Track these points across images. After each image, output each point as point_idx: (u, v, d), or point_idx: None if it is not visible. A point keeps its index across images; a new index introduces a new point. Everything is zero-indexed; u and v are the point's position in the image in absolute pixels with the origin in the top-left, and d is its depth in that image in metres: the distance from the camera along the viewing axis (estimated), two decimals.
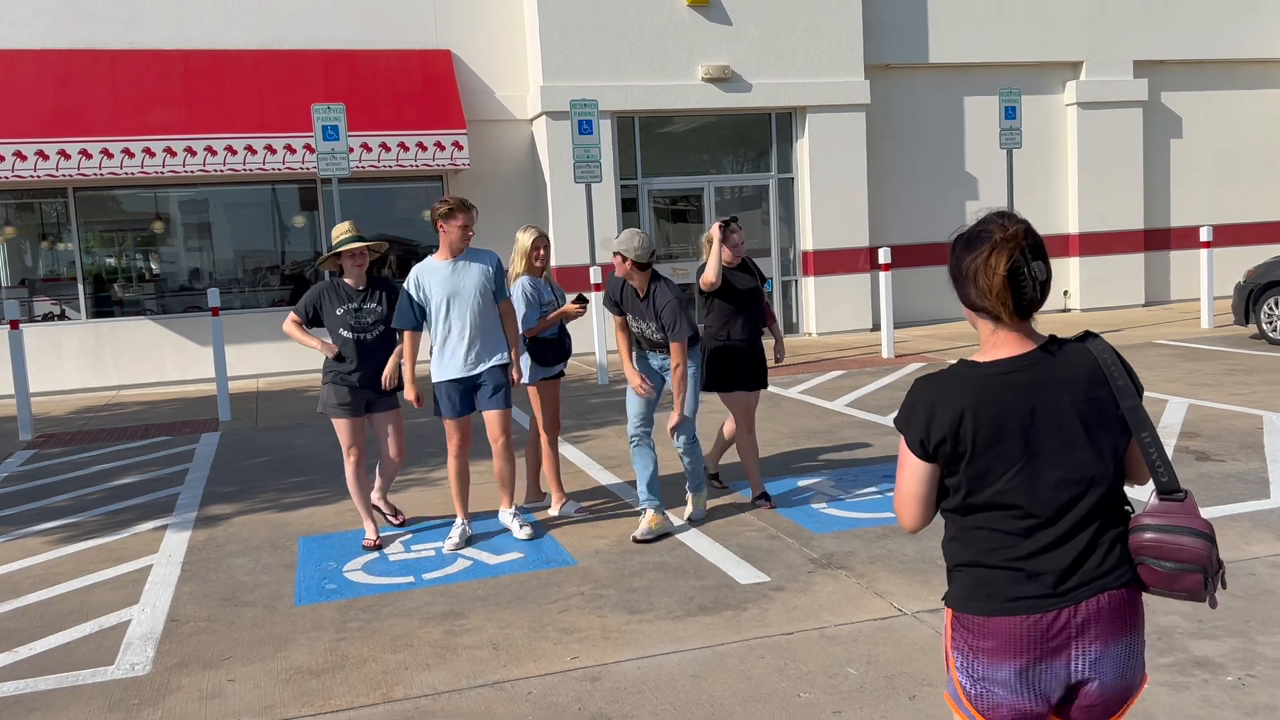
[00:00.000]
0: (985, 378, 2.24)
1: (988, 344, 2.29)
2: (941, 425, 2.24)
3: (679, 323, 6.00)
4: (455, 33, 14.92)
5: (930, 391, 2.28)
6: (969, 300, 2.28)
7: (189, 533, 6.80)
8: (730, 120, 15.68)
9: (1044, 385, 2.22)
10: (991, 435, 2.20)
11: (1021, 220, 2.25)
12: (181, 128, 13.39)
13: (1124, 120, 17.39)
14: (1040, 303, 2.24)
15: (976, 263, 2.22)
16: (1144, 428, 2.22)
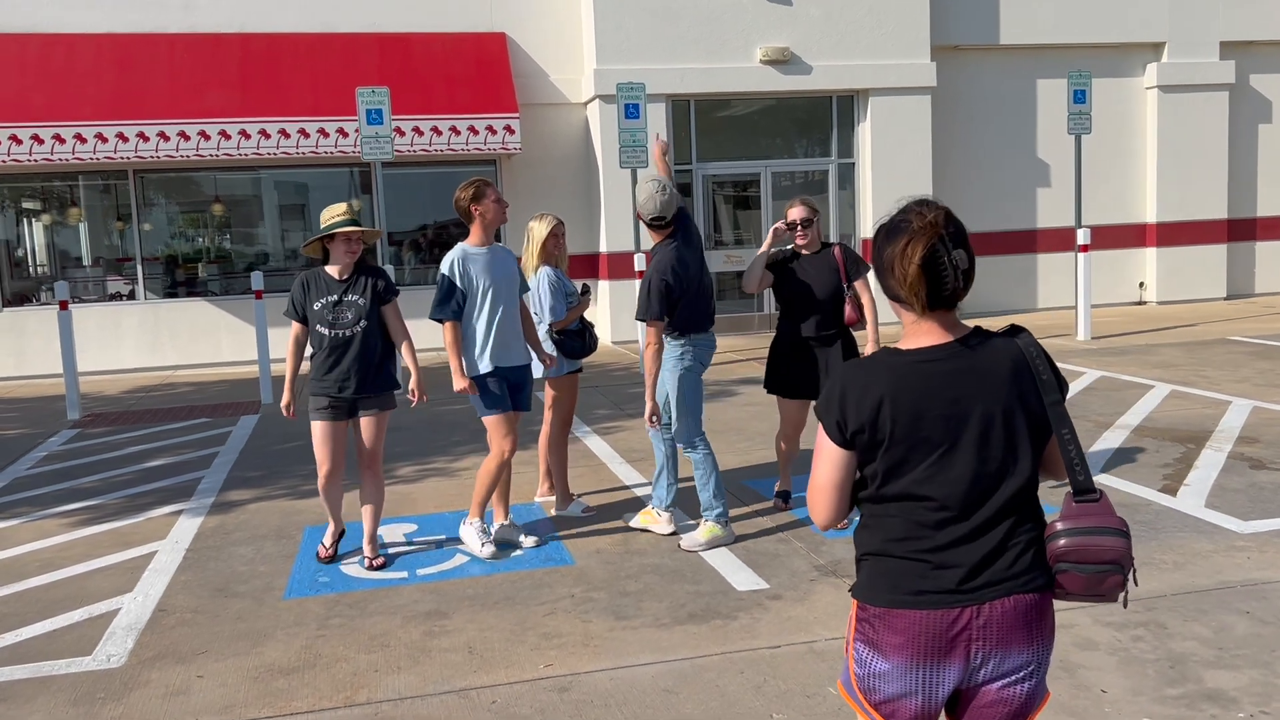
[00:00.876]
0: (906, 365, 2.16)
1: (910, 333, 2.22)
2: (860, 412, 2.16)
3: (640, 300, 5.56)
4: (510, 16, 14.79)
5: (851, 377, 2.20)
6: (889, 290, 2.19)
7: (201, 519, 6.78)
8: (789, 103, 15.31)
9: (965, 375, 2.15)
10: (909, 424, 2.13)
11: (940, 207, 2.17)
12: (236, 111, 13.48)
13: (1209, 104, 16.59)
14: (963, 292, 2.17)
15: (893, 252, 2.15)
16: (1064, 424, 2.16)
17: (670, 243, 5.66)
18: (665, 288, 5.53)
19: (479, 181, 5.67)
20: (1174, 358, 11.42)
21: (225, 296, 14.50)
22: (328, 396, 5.51)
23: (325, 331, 5.47)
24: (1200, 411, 8.61)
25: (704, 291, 5.77)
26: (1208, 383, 9.84)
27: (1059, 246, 16.52)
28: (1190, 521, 5.80)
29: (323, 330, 5.47)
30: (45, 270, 14.45)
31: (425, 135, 13.81)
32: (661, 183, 5.59)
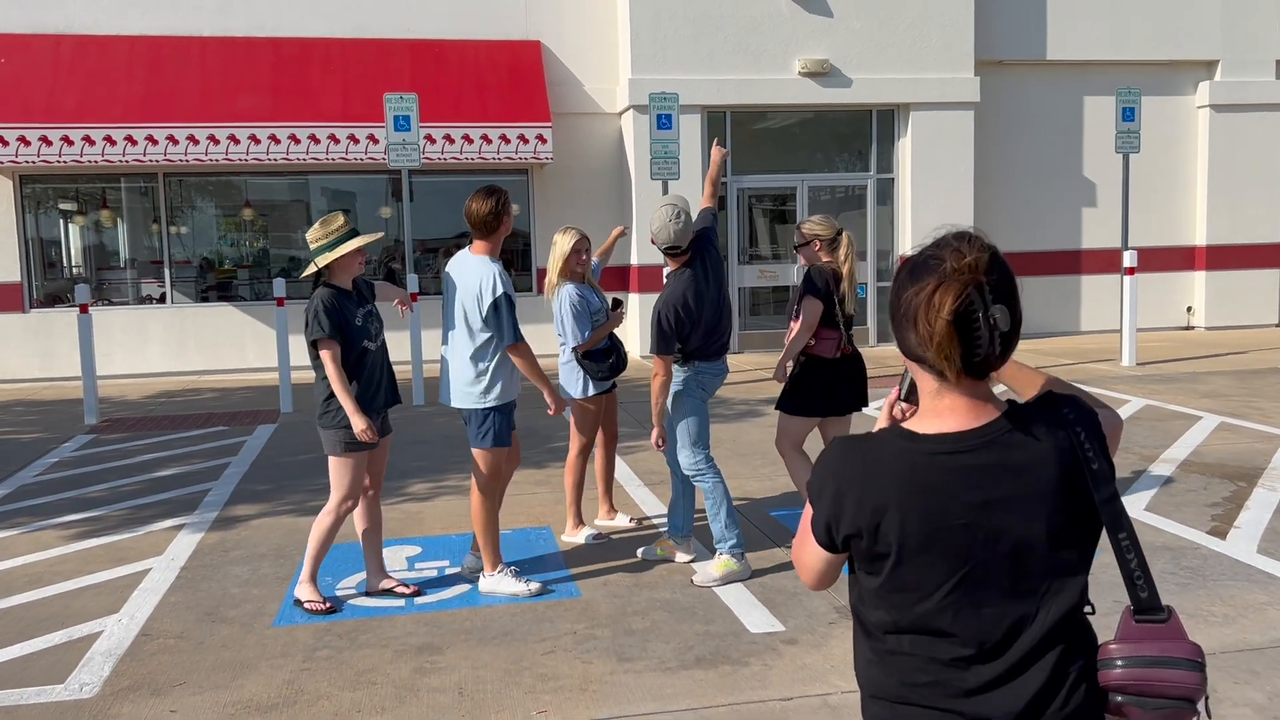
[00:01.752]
0: (924, 457, 1.71)
1: (931, 409, 1.76)
2: (857, 516, 1.74)
3: (651, 331, 5.29)
4: (545, 23, 14.59)
5: (849, 466, 1.76)
6: (907, 347, 1.75)
7: (201, 534, 6.56)
8: (828, 117, 14.98)
9: (998, 472, 1.69)
10: (925, 537, 1.70)
11: (985, 245, 1.71)
12: (267, 115, 13.36)
13: (1263, 125, 16.08)
14: (1000, 360, 1.72)
15: (919, 299, 1.69)
16: (1121, 526, 1.71)
17: (685, 271, 5.39)
18: (675, 321, 5.28)
19: (500, 190, 5.29)
20: (1224, 387, 10.95)
21: (252, 302, 14.38)
22: (373, 415, 5.08)
23: (371, 346, 5.11)
24: (1251, 446, 8.18)
25: (720, 320, 5.48)
26: (1260, 415, 9.38)
27: (1104, 268, 16.04)
28: (1242, 569, 5.41)
29: (368, 345, 5.10)
30: (80, 272, 14.40)
31: (456, 143, 13.62)
32: (677, 209, 5.31)
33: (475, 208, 5.17)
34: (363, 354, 5.08)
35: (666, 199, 5.41)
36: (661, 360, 5.29)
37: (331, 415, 5.01)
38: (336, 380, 4.92)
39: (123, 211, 14.34)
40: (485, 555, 5.33)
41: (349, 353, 5.02)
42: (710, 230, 5.56)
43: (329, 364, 4.92)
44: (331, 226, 5.03)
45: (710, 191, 5.87)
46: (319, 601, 5.17)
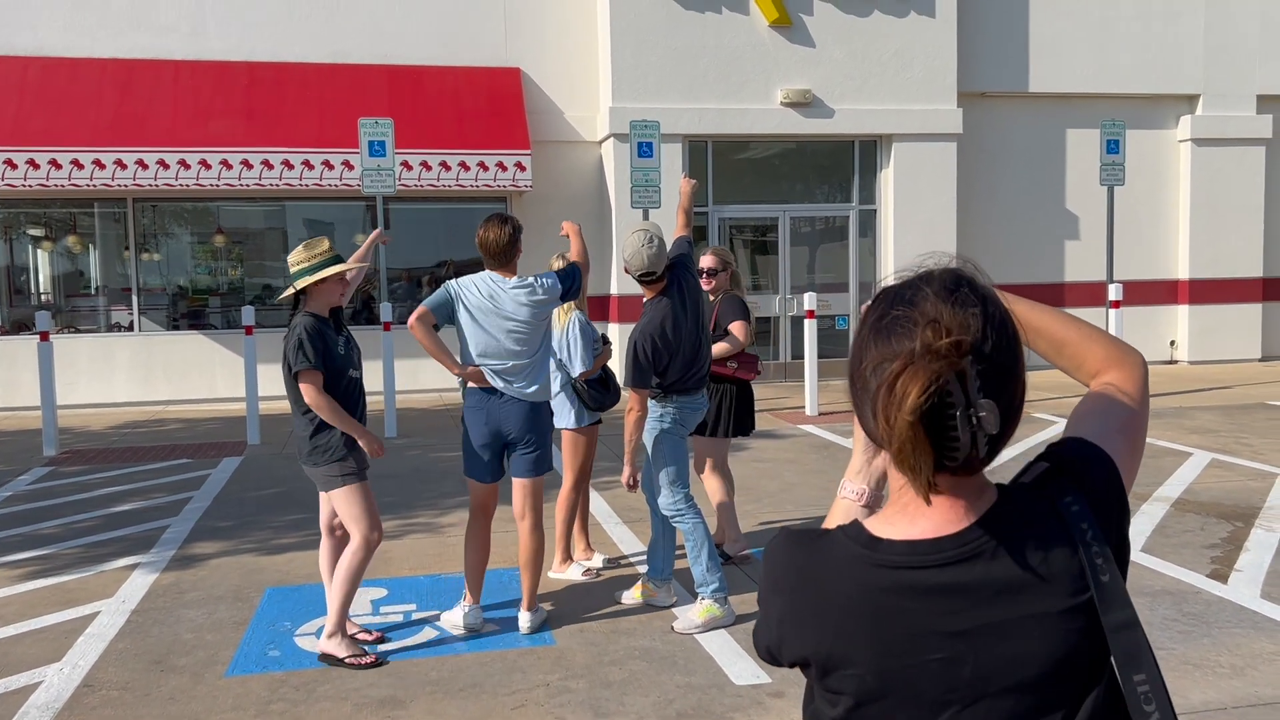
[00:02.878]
0: (885, 573, 1.30)
1: (898, 504, 1.35)
2: (800, 646, 1.35)
3: (626, 364, 5.09)
4: (525, 51, 14.41)
5: (791, 577, 1.36)
6: (866, 427, 1.33)
7: (156, 575, 6.23)
8: (810, 147, 14.84)
9: (989, 592, 1.28)
10: (890, 676, 1.30)
11: (976, 302, 1.27)
12: (241, 140, 13.09)
13: (1244, 159, 16.04)
14: (984, 462, 1.28)
15: (878, 379, 1.26)
16: (1138, 663, 1.26)
17: (661, 299, 5.15)
18: (652, 352, 5.02)
19: (512, 217, 5.14)
20: (1212, 422, 10.78)
21: (222, 330, 14.05)
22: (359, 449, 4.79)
23: (356, 375, 4.86)
24: (1245, 484, 7.98)
25: (699, 351, 5.23)
26: (1251, 452, 9.20)
27: (1086, 301, 15.91)
28: (1247, 616, 5.18)
29: (353, 374, 4.84)
30: (48, 299, 14.04)
31: (434, 170, 13.39)
32: (649, 234, 5.08)
33: (493, 236, 4.98)
34: (349, 384, 4.81)
35: (638, 225, 5.19)
36: (637, 395, 5.04)
37: (322, 451, 4.69)
38: (327, 410, 4.60)
39: (93, 237, 14.01)
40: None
41: (336, 383, 4.73)
42: (686, 257, 5.34)
43: (312, 395, 4.59)
44: (316, 250, 4.76)
45: (684, 221, 5.68)
46: (359, 655, 4.74)
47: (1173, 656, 4.66)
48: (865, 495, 1.53)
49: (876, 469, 1.54)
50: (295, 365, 4.61)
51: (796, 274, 14.92)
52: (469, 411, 5.03)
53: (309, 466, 4.77)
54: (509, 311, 4.96)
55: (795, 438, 10.35)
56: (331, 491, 4.79)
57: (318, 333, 4.68)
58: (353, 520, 4.78)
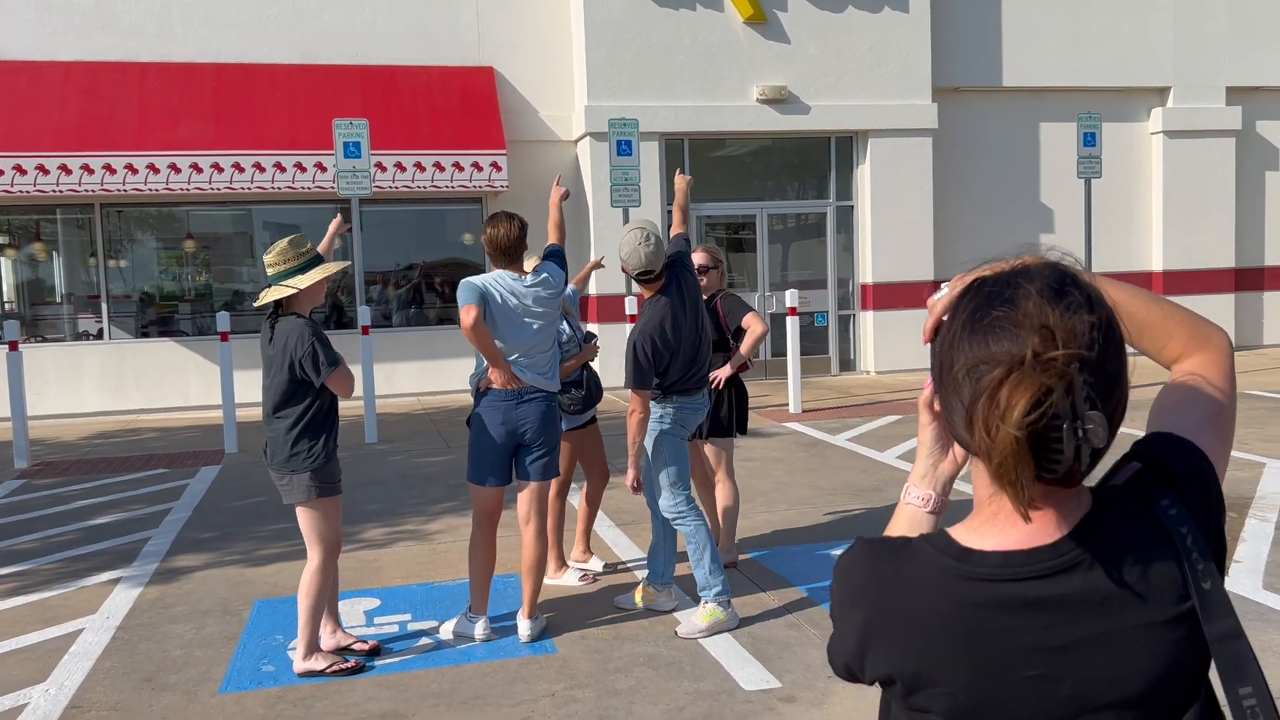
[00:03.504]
0: (977, 586, 1.22)
1: (988, 512, 1.27)
2: (887, 663, 1.27)
3: (626, 365, 4.99)
4: (499, 50, 14.26)
5: (874, 592, 1.28)
6: (955, 431, 1.24)
7: (140, 589, 6.06)
8: (786, 144, 14.80)
9: (1086, 605, 1.20)
10: (983, 694, 1.22)
11: (1084, 305, 1.18)
12: (210, 143, 12.87)
13: (1215, 150, 16.15)
14: (1086, 473, 1.18)
15: (977, 385, 1.17)
16: (1243, 676, 1.18)
17: (660, 298, 5.05)
18: (652, 352, 4.93)
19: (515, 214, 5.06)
20: None
21: (194, 337, 13.81)
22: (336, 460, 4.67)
23: None
24: (1234, 474, 7.99)
25: (699, 350, 5.14)
26: (1236, 442, 9.21)
27: None
28: (1252, 607, 5.15)
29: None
30: (12, 307, 13.74)
31: (408, 171, 13.23)
32: (646, 232, 4.98)
33: (502, 232, 4.89)
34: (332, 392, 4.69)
35: (634, 224, 5.09)
36: (639, 396, 4.94)
37: (301, 457, 4.51)
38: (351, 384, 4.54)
39: (58, 244, 13.73)
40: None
41: (326, 390, 4.59)
42: (685, 255, 5.25)
43: (345, 383, 4.50)
44: (302, 248, 4.60)
45: (680, 218, 5.59)
46: (340, 661, 4.66)
47: None
48: (932, 501, 1.46)
49: (943, 474, 1.46)
50: (322, 373, 4.44)
51: (774, 271, 14.87)
52: (484, 412, 4.88)
53: (285, 474, 4.53)
54: (531, 308, 4.90)
55: (781, 436, 10.29)
56: (297, 505, 4.58)
57: (323, 334, 4.56)
58: (315, 538, 4.60)
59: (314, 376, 4.47)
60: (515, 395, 4.84)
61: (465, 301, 4.69)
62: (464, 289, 4.76)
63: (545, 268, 5.09)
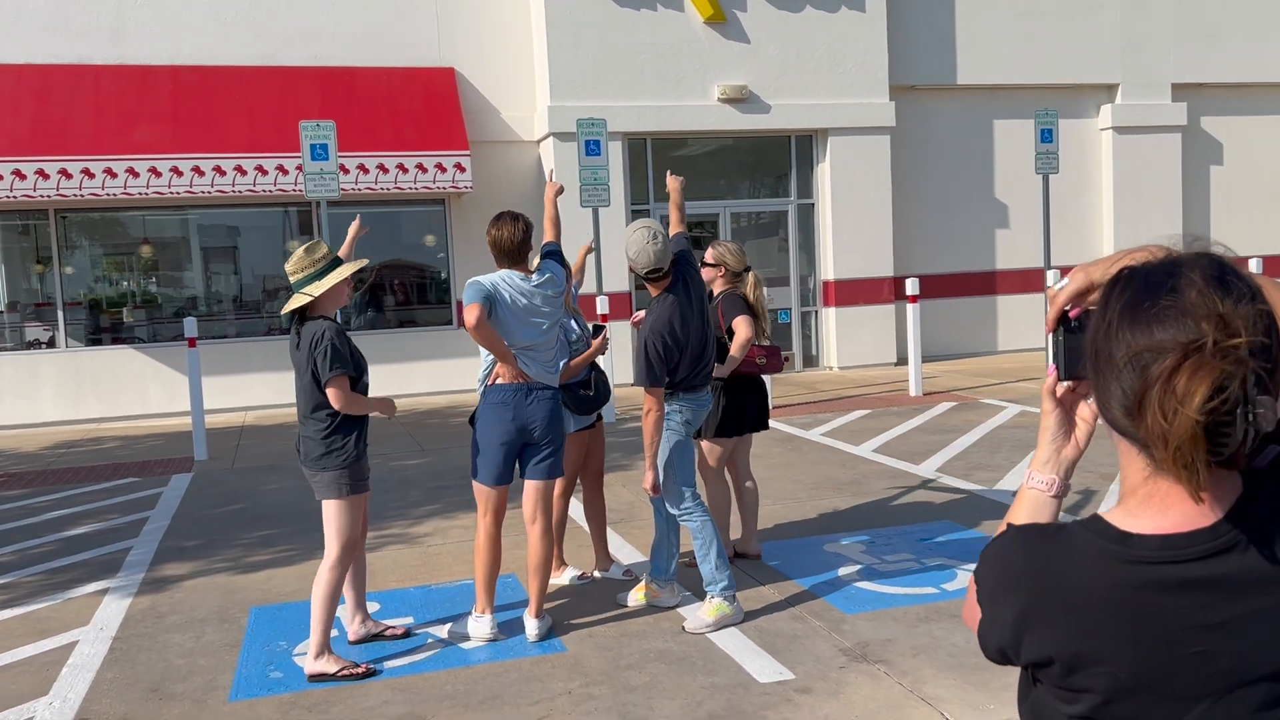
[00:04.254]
0: (1139, 569, 1.26)
1: (1143, 495, 1.30)
2: (1045, 645, 1.31)
3: (637, 365, 5.02)
4: (460, 51, 14.21)
5: (1034, 577, 1.32)
6: (1111, 417, 1.28)
7: (130, 600, 5.98)
8: (748, 143, 14.91)
9: (1245, 582, 1.24)
10: (1144, 673, 1.26)
11: (1249, 294, 1.23)
12: (168, 147, 12.68)
13: (1162, 146, 16.54)
14: (1250, 456, 1.23)
15: (1148, 373, 1.21)
16: None
17: (668, 296, 5.10)
18: (664, 350, 4.97)
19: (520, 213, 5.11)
20: None
21: (153, 344, 13.59)
22: (366, 458, 4.80)
23: (366, 381, 4.79)
24: None
25: (705, 347, 5.19)
26: None
27: (1018, 288, 16.29)
28: None
29: (367, 381, 4.80)
30: None
31: (371, 173, 13.13)
32: (652, 230, 5.02)
33: (506, 234, 4.92)
34: (362, 389, 4.75)
35: (639, 223, 5.12)
36: (652, 395, 4.97)
37: (335, 455, 4.61)
38: (355, 405, 4.58)
39: (10, 250, 13.44)
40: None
41: (353, 387, 4.66)
42: (688, 252, 5.29)
43: (342, 399, 4.53)
44: (318, 254, 4.65)
45: (679, 217, 5.63)
46: (350, 665, 4.68)
47: None
48: (1055, 485, 1.51)
49: (1066, 459, 1.52)
50: (329, 373, 4.51)
51: None
52: (491, 409, 4.88)
53: (317, 471, 4.65)
54: (540, 307, 4.92)
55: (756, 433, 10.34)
56: (326, 500, 4.67)
57: (344, 338, 4.64)
58: (336, 532, 4.68)
59: (321, 375, 4.53)
60: (525, 391, 4.85)
61: (471, 300, 4.68)
62: (471, 288, 4.75)
63: (548, 266, 5.10)
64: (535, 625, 5.01)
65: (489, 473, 4.92)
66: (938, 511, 7.09)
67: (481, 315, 4.63)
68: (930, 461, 8.67)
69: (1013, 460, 8.56)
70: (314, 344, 4.55)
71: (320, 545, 6.88)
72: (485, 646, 4.98)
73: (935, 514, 7.03)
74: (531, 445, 4.94)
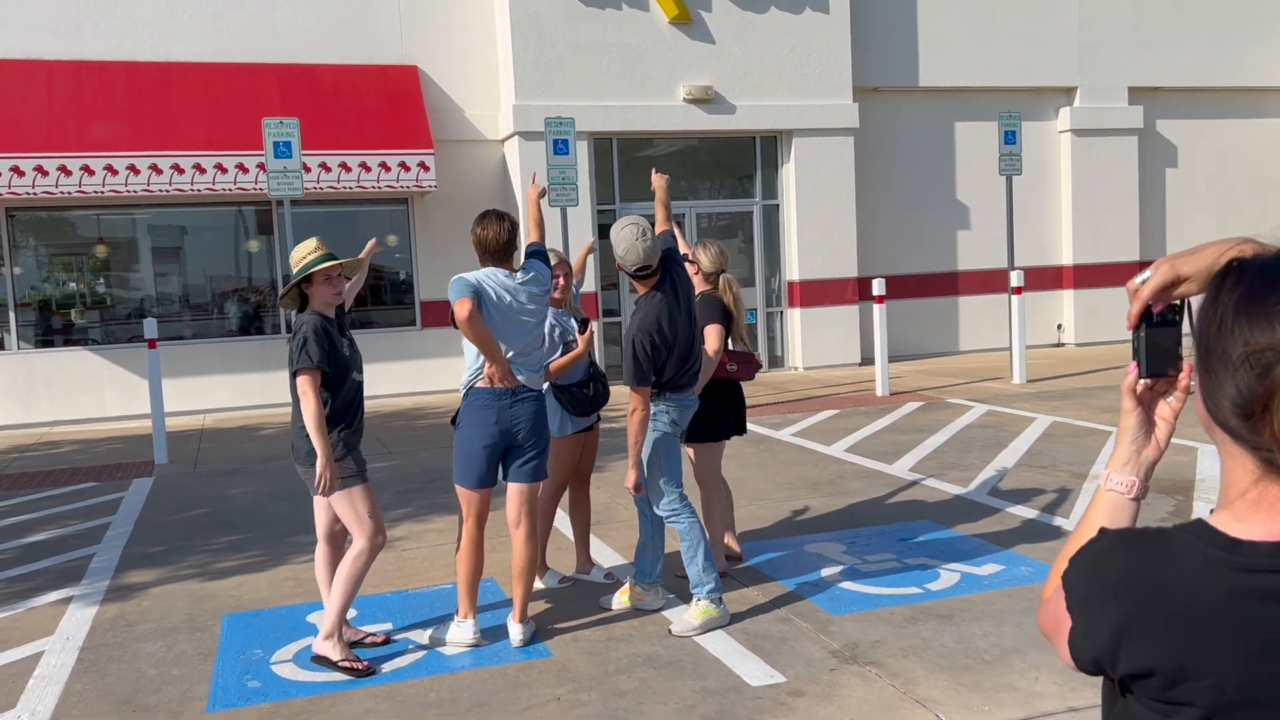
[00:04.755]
0: (1250, 579, 1.20)
1: (1248, 495, 1.25)
2: (1146, 657, 1.25)
3: (626, 363, 4.94)
4: (423, 48, 14.05)
5: (1135, 587, 1.26)
6: (1221, 417, 1.24)
7: (96, 608, 5.80)
8: (713, 143, 14.88)
9: None
10: (1254, 688, 1.21)
11: None
12: (124, 144, 12.41)
13: (1119, 148, 16.75)
14: None
15: (1275, 375, 1.17)
16: None
17: (655, 294, 5.02)
18: (651, 349, 4.90)
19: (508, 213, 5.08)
20: (1117, 402, 11.17)
21: (108, 345, 13.30)
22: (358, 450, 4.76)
23: (359, 378, 4.75)
24: (1169, 459, 8.28)
25: (692, 346, 5.12)
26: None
27: (979, 289, 16.42)
28: None
29: (356, 376, 4.74)
30: None
31: (333, 171, 12.93)
32: (641, 227, 4.96)
33: (492, 233, 4.84)
34: (351, 387, 4.69)
35: (626, 219, 5.04)
36: (639, 394, 4.90)
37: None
38: (314, 414, 4.47)
39: None
40: None
41: (340, 385, 4.62)
42: (674, 250, 5.22)
43: (308, 394, 4.46)
44: (300, 254, 4.64)
45: (665, 215, 5.56)
46: (354, 659, 4.64)
47: None
48: (1135, 487, 1.46)
49: (1147, 460, 1.47)
50: (296, 363, 4.50)
51: None
52: (474, 411, 4.77)
53: (308, 467, 4.60)
54: (526, 305, 4.84)
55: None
56: (331, 495, 4.62)
57: (324, 332, 4.57)
58: (355, 523, 4.68)
59: (292, 363, 4.52)
60: (509, 394, 4.76)
61: (459, 295, 4.58)
62: (457, 284, 4.65)
63: (532, 265, 5.01)
64: (520, 630, 4.92)
65: (471, 475, 4.82)
66: (915, 511, 7.09)
67: (473, 308, 4.53)
68: (903, 461, 8.68)
69: (984, 460, 8.59)
70: (293, 335, 4.57)
71: (291, 550, 6.77)
72: (469, 653, 4.88)
73: (913, 514, 7.02)
74: (515, 447, 4.85)
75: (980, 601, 5.25)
